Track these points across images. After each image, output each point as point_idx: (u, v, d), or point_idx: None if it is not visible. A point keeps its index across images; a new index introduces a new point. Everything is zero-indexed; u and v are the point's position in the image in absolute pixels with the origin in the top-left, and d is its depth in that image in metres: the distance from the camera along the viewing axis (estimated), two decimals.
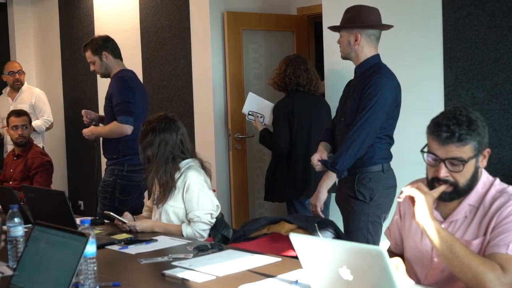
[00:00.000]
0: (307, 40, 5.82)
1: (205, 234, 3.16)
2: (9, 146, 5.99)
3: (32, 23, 7.33)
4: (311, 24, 5.86)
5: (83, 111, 4.52)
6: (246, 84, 5.43)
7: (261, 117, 4.59)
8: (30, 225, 2.73)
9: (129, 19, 5.98)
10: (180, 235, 3.12)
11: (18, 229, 2.52)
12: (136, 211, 3.99)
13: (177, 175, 3.21)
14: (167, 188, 3.20)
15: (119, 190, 4.23)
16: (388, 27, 3.33)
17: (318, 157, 3.31)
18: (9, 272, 2.43)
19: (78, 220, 2.91)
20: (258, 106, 4.62)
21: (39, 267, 2.10)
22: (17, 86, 6.14)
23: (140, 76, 5.88)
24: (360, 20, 3.22)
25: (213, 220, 3.20)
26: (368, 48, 3.25)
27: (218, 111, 5.29)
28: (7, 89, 6.25)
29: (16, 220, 2.51)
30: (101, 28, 6.28)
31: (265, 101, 4.60)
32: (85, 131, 4.40)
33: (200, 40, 5.32)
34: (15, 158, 5.21)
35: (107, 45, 4.37)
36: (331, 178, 3.22)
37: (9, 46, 7.34)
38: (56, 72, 7.06)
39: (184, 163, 3.24)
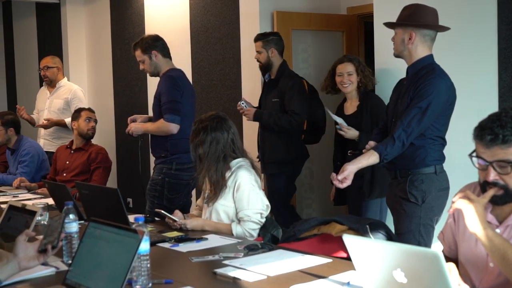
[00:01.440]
0: (357, 40, 5.77)
1: (255, 234, 3.17)
2: (42, 140, 6.09)
3: (84, 23, 7.47)
4: (361, 23, 5.81)
5: (129, 119, 4.55)
6: None
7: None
8: (82, 221, 2.79)
9: (179, 19, 6.03)
10: (230, 234, 3.14)
11: (73, 225, 2.57)
12: (184, 209, 4.03)
13: (227, 174, 3.22)
14: (218, 187, 3.21)
15: (167, 189, 4.26)
16: (444, 28, 3.27)
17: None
18: (63, 267, 2.48)
19: (130, 218, 2.95)
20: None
21: (94, 263, 2.13)
22: (46, 82, 6.24)
23: (189, 75, 5.94)
24: (416, 19, 3.17)
25: (263, 220, 3.20)
26: (422, 48, 3.20)
27: None
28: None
29: (71, 216, 2.56)
30: (151, 27, 6.35)
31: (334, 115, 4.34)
32: (134, 125, 4.42)
33: (250, 39, 5.32)
34: (72, 151, 5.30)
35: (157, 44, 4.42)
36: (369, 159, 3.09)
37: (62, 46, 7.50)
38: (107, 71, 7.18)
39: (235, 162, 3.25)
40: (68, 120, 5.77)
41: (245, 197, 3.18)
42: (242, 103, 4.72)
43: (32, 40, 8.22)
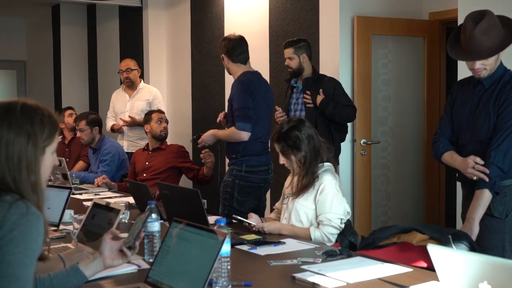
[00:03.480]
0: (438, 46, 5.65)
1: (333, 239, 3.14)
2: (125, 141, 6.22)
3: (165, 26, 7.62)
4: (443, 29, 5.69)
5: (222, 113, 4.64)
6: (373, 90, 5.36)
7: None
8: (162, 221, 2.84)
9: (259, 23, 6.07)
10: (307, 238, 3.13)
11: (155, 225, 2.63)
12: (256, 213, 3.98)
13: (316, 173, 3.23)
14: (306, 187, 3.21)
15: (237, 191, 4.25)
16: None
17: (477, 160, 3.07)
18: (145, 265, 2.54)
19: (210, 219, 2.98)
20: None
21: (176, 263, 2.16)
22: (127, 84, 6.37)
23: (267, 79, 5.95)
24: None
25: (342, 226, 3.17)
26: (498, 56, 3.09)
27: None
28: (124, 85, 6.51)
29: (153, 216, 2.62)
30: (230, 31, 6.36)
31: None
32: (206, 135, 4.44)
33: (329, 44, 5.31)
34: (150, 152, 5.41)
35: (225, 48, 4.40)
36: (485, 201, 3.01)
37: (143, 49, 7.67)
38: (185, 75, 7.30)
39: (321, 166, 3.25)
40: None
41: (328, 200, 3.16)
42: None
43: (114, 43, 8.45)
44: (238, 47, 4.39)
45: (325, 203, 3.17)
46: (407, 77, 5.58)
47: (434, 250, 1.89)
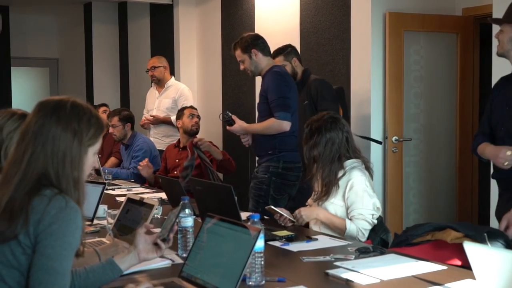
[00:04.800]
0: (472, 42, 5.59)
1: (366, 234, 3.13)
2: (152, 139, 6.22)
3: (195, 24, 7.65)
4: (477, 25, 5.62)
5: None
6: (405, 87, 5.32)
7: None
8: (194, 216, 2.85)
9: (289, 20, 6.06)
10: (341, 229, 3.13)
11: (188, 220, 2.65)
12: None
13: (340, 173, 3.21)
14: (330, 187, 3.20)
15: (273, 188, 4.17)
16: None
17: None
18: (178, 260, 2.55)
19: (242, 215, 2.99)
20: None
21: (209, 258, 2.18)
22: (154, 81, 6.40)
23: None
24: None
25: (375, 221, 3.16)
26: None
27: (375, 113, 5.23)
28: (153, 83, 6.55)
29: (187, 211, 2.64)
30: (261, 28, 6.42)
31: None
32: (236, 127, 4.33)
33: (360, 41, 5.28)
34: (180, 149, 5.45)
35: (256, 42, 4.32)
36: None
37: (173, 46, 7.71)
38: (216, 72, 7.32)
39: (349, 163, 3.23)
40: (174, 118, 5.90)
41: (359, 196, 3.15)
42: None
43: (145, 41, 8.51)
44: (263, 41, 4.37)
45: (356, 199, 3.16)
46: (439, 74, 5.52)
47: (471, 248, 1.87)
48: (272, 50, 4.53)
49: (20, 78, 10.30)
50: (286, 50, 4.94)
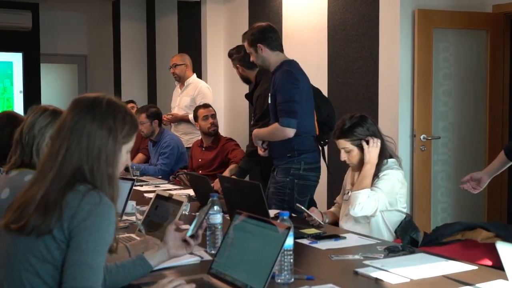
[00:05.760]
0: (502, 39, 5.50)
1: (363, 211, 3.15)
2: (190, 136, 6.28)
3: (222, 21, 7.66)
4: (507, 22, 5.54)
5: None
6: (434, 84, 5.26)
7: None
8: (222, 213, 2.86)
9: (317, 17, 6.04)
10: (359, 185, 3.15)
11: (217, 217, 2.66)
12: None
13: (381, 172, 3.23)
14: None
15: (297, 191, 4.01)
16: None
17: None
18: (207, 257, 2.56)
19: (270, 212, 3.00)
20: None
21: (239, 255, 2.18)
22: (176, 79, 6.45)
23: (324, 73, 5.94)
24: None
25: (376, 213, 3.17)
26: None
27: (403, 110, 5.18)
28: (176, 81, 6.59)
29: (216, 208, 2.65)
30: (288, 25, 6.41)
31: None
32: (253, 138, 4.24)
33: (389, 38, 5.24)
34: (203, 149, 5.48)
35: (264, 37, 4.06)
36: None
37: (201, 44, 7.73)
38: None
39: (386, 162, 3.23)
40: (191, 116, 5.94)
41: (383, 182, 3.18)
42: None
43: (172, 38, 8.55)
44: (271, 32, 4.10)
45: (381, 182, 3.18)
46: (469, 72, 5.45)
47: (504, 248, 1.85)
48: (300, 48, 4.48)
49: (49, 74, 10.41)
50: (231, 56, 5.03)
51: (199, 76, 7.34)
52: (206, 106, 5.63)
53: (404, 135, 5.18)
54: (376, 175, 3.21)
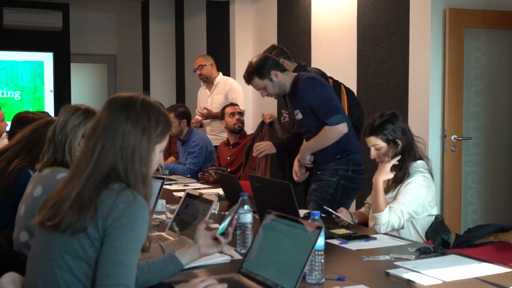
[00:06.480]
0: None
1: (387, 230, 3.09)
2: (209, 136, 6.26)
3: (251, 20, 7.66)
4: None
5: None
6: (465, 84, 5.21)
7: None
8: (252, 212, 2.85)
9: (346, 16, 6.01)
10: (376, 206, 3.12)
11: (247, 216, 2.65)
12: None
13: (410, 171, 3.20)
14: (398, 183, 3.18)
15: (341, 192, 3.91)
16: None
17: None
18: (237, 256, 2.56)
19: (301, 212, 2.99)
20: None
21: (269, 254, 2.18)
22: (203, 80, 6.47)
23: (354, 73, 5.91)
24: None
25: (404, 226, 3.12)
26: None
27: (434, 110, 5.13)
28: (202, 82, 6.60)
29: (246, 207, 2.65)
30: (317, 25, 6.39)
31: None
32: (301, 157, 4.04)
33: (419, 37, 5.20)
34: (230, 147, 5.51)
35: (270, 63, 4.01)
36: None
37: (229, 43, 7.75)
38: None
39: (414, 163, 3.20)
40: None
41: (407, 192, 3.13)
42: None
43: (201, 38, 8.58)
44: (273, 59, 4.07)
45: (402, 192, 3.14)
46: (501, 72, 5.38)
47: None
48: (329, 48, 4.45)
49: (79, 74, 10.53)
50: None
51: (227, 76, 7.37)
52: (233, 104, 5.68)
53: (435, 135, 5.13)
54: (401, 180, 3.17)
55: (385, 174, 3.20)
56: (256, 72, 4.01)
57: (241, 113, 5.57)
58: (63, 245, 1.85)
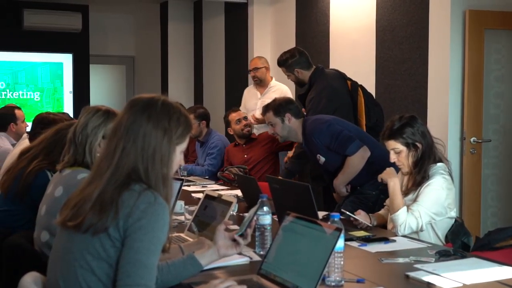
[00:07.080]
0: None
1: (407, 232, 3.07)
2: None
3: (269, 22, 7.66)
4: None
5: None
6: (485, 86, 5.17)
7: None
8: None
9: (365, 18, 5.99)
10: (393, 208, 3.10)
11: (266, 218, 2.65)
12: None
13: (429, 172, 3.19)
14: (417, 186, 3.16)
15: (378, 205, 3.86)
16: None
17: None
18: (256, 257, 2.57)
19: (319, 214, 2.98)
20: None
21: (289, 256, 2.18)
22: (256, 82, 6.37)
23: (372, 74, 5.88)
24: None
25: (423, 228, 3.09)
26: None
27: (453, 113, 5.10)
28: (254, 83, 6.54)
29: (265, 208, 2.65)
30: (336, 26, 6.37)
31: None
32: (339, 191, 4.12)
33: (439, 39, 5.17)
34: (244, 145, 5.55)
35: (291, 107, 4.19)
36: None
37: (248, 44, 7.76)
38: None
39: (434, 166, 3.18)
40: None
41: (426, 193, 3.11)
42: None
43: (219, 39, 8.59)
44: (297, 105, 4.27)
45: (422, 194, 3.12)
46: None
47: None
48: (348, 49, 4.44)
49: (98, 75, 10.59)
50: (287, 63, 4.97)
51: (245, 78, 7.38)
52: (235, 110, 5.69)
53: (454, 137, 5.10)
54: (420, 183, 3.16)
55: (395, 175, 3.21)
56: (273, 108, 4.19)
57: (245, 118, 5.60)
58: (85, 245, 1.87)
